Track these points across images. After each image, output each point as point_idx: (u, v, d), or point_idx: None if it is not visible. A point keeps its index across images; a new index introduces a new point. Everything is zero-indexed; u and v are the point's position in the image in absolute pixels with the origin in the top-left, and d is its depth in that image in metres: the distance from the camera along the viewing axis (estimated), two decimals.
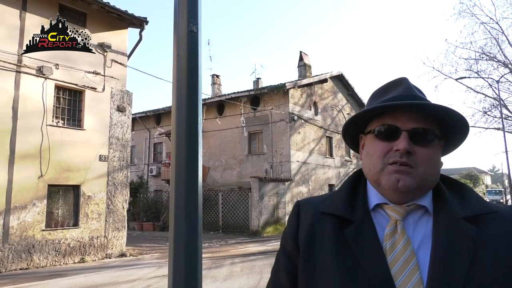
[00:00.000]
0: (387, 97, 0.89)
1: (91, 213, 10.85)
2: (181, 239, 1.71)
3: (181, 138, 1.94)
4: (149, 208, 20.68)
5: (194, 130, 1.91)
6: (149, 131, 24.05)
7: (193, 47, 1.89)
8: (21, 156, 9.51)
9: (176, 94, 1.92)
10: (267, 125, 19.55)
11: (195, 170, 1.92)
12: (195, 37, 1.90)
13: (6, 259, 9.08)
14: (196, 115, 1.93)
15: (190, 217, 1.76)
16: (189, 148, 1.89)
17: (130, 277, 8.46)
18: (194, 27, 1.90)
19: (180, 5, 1.97)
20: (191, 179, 1.89)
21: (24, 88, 9.69)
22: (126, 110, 11.98)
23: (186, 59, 1.86)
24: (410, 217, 0.84)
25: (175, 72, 1.90)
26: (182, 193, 1.81)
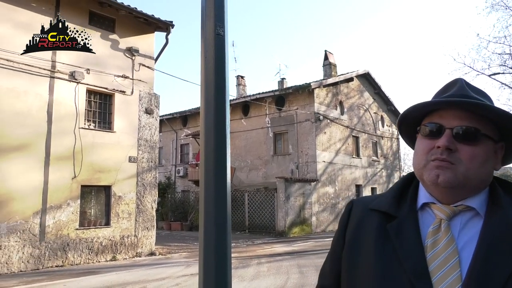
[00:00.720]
0: (441, 96, 0.91)
1: (122, 213, 11.17)
2: (210, 239, 1.75)
3: (210, 139, 1.98)
4: (176, 208, 21.04)
5: (222, 131, 1.95)
6: (176, 132, 24.47)
7: (220, 49, 1.93)
8: (56, 158, 9.92)
9: (204, 96, 1.96)
10: (292, 125, 19.49)
11: (224, 170, 1.95)
12: (222, 40, 1.94)
13: (43, 257, 9.49)
14: (224, 116, 1.96)
15: (219, 217, 1.80)
16: (217, 148, 1.92)
17: (159, 276, 8.65)
18: (221, 30, 1.93)
19: (207, 9, 2.00)
20: (220, 180, 1.92)
21: (57, 93, 10.10)
22: (153, 112, 12.25)
23: (214, 61, 1.90)
24: (457, 218, 0.84)
25: (203, 74, 1.94)
26: (211, 193, 1.84)
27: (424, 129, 0.89)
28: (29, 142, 9.48)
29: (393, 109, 26.17)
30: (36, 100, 9.69)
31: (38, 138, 9.65)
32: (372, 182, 23.25)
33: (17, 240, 9.10)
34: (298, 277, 8.11)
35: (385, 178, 24.81)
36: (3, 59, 9.16)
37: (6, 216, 8.97)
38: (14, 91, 9.31)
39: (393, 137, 26.50)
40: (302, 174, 18.80)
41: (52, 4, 10.22)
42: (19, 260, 9.10)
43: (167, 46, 12.38)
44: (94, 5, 10.96)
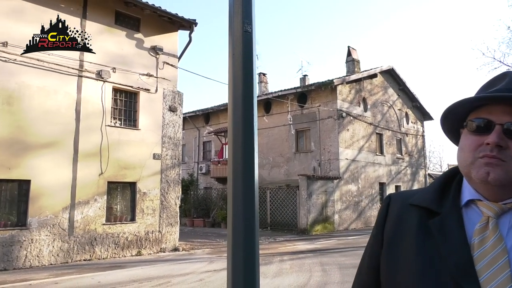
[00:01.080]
0: (488, 91, 0.88)
1: (147, 209, 11.40)
2: (239, 236, 1.75)
3: (238, 136, 1.99)
4: (199, 205, 21.28)
5: (250, 128, 1.95)
6: (198, 130, 24.72)
7: (248, 46, 1.93)
8: (84, 155, 10.21)
9: (232, 93, 1.96)
10: (314, 123, 19.34)
11: (252, 167, 1.96)
12: (249, 37, 1.94)
13: (71, 251, 9.80)
14: (252, 112, 1.96)
15: (247, 214, 1.80)
16: (245, 145, 1.93)
17: (183, 271, 8.78)
18: (248, 27, 1.94)
19: (235, 6, 2.01)
20: (248, 176, 1.92)
21: (85, 91, 10.39)
22: (177, 110, 12.42)
23: (241, 58, 1.90)
24: (506, 216, 0.81)
25: (231, 71, 1.95)
26: (239, 190, 1.85)
27: (471, 125, 0.86)
28: (59, 140, 9.80)
29: (418, 105, 25.56)
30: (65, 99, 10.00)
31: (67, 136, 9.95)
32: (396, 180, 22.81)
33: (47, 234, 9.44)
34: (321, 275, 8.06)
35: (410, 176, 24.30)
36: (34, 59, 9.48)
37: (37, 211, 9.31)
38: (44, 90, 9.63)
39: (418, 134, 25.90)
40: (325, 172, 18.64)
41: (80, 4, 10.50)
42: (49, 254, 9.43)
43: (191, 44, 12.49)
44: (120, 5, 11.19)
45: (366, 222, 19.97)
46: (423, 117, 26.66)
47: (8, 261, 8.78)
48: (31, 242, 9.15)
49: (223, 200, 20.20)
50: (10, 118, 9.05)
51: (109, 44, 11.00)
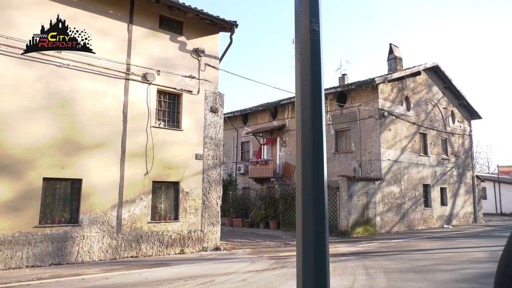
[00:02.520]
0: None
1: (189, 208, 11.63)
2: (309, 238, 1.72)
3: (307, 136, 1.95)
4: (238, 205, 21.45)
5: (319, 128, 1.91)
6: (237, 130, 24.94)
7: (316, 45, 1.89)
8: (130, 155, 10.59)
9: (300, 93, 1.93)
10: (354, 122, 18.93)
11: (321, 168, 1.92)
12: (317, 36, 1.90)
13: (119, 247, 10.18)
14: (321, 112, 1.93)
15: (317, 216, 1.76)
16: (314, 145, 1.89)
17: (226, 270, 8.87)
18: (315, 25, 1.90)
19: (302, 5, 1.98)
20: (317, 177, 1.88)
21: (132, 94, 10.76)
22: (218, 111, 12.58)
23: (310, 58, 1.87)
24: None
25: (298, 71, 1.92)
26: (309, 192, 1.82)
27: None
28: (107, 140, 10.22)
29: (465, 103, 24.38)
30: (113, 101, 10.41)
31: (115, 137, 10.36)
32: (441, 182, 21.86)
33: (97, 231, 9.86)
34: (365, 278, 7.85)
35: (456, 178, 23.20)
36: (84, 63, 9.95)
37: (88, 208, 9.76)
38: (94, 93, 10.08)
39: (465, 134, 24.69)
40: (366, 173, 18.19)
41: (127, 10, 10.89)
42: (99, 250, 9.85)
43: (232, 46, 12.62)
44: (164, 9, 11.51)
45: (409, 225, 19.28)
46: (470, 116, 25.39)
47: (62, 256, 9.27)
48: (83, 239, 9.60)
49: (261, 201, 20.24)
50: (64, 120, 9.55)
51: (153, 47, 11.34)
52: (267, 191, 20.60)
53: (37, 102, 9.21)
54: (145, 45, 11.18)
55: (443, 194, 22.10)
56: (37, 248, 8.91)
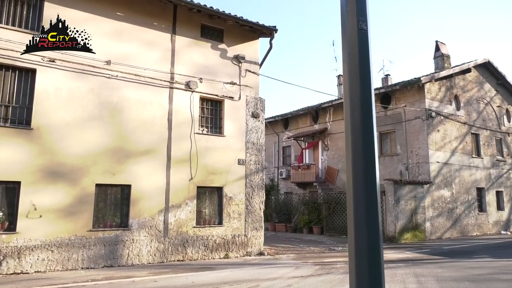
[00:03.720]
0: None
1: (233, 213, 11.75)
2: (362, 243, 1.66)
3: (357, 138, 1.90)
4: (280, 210, 21.37)
5: (369, 130, 1.85)
6: (278, 135, 24.93)
7: (364, 45, 1.84)
8: (176, 161, 10.90)
9: (349, 94, 1.88)
10: (400, 124, 18.27)
11: (373, 170, 1.85)
12: (365, 35, 1.85)
13: (166, 251, 10.48)
14: (371, 114, 1.87)
15: (370, 220, 1.70)
16: (365, 147, 1.84)
17: (270, 275, 8.83)
18: (363, 24, 1.85)
19: (348, 3, 1.93)
20: (369, 180, 1.82)
21: (176, 102, 11.11)
22: (259, 116, 12.65)
23: (358, 58, 1.82)
24: None
25: (347, 71, 1.87)
26: (361, 194, 1.76)
27: None
28: (154, 147, 10.60)
29: None
30: (158, 109, 10.79)
31: (161, 144, 10.72)
32: (497, 185, 20.49)
33: (146, 235, 10.22)
34: (416, 287, 7.50)
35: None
36: (132, 74, 10.41)
37: (137, 213, 10.14)
38: (141, 102, 10.51)
39: None
40: (413, 176, 17.47)
41: (170, 21, 11.29)
42: (147, 253, 10.19)
43: (272, 51, 12.67)
44: (205, 18, 11.80)
45: (462, 231, 18.22)
46: None
47: (113, 259, 9.68)
48: (132, 242, 9.98)
49: (304, 205, 20.04)
50: (113, 129, 10.03)
51: (196, 56, 11.65)
52: (310, 195, 20.36)
53: (89, 113, 9.75)
54: (187, 54, 11.50)
55: (499, 198, 20.69)
56: (91, 251, 9.38)
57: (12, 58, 8.97)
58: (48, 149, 9.15)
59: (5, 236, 8.49)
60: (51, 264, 8.89)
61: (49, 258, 8.88)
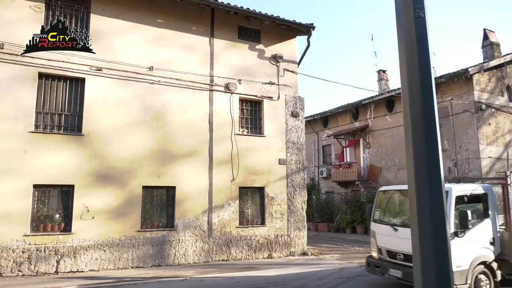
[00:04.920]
0: None
1: (275, 213, 11.73)
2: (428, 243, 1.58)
3: (418, 132, 1.82)
4: (322, 209, 21.09)
5: (431, 122, 1.77)
6: (317, 134, 24.62)
7: (422, 33, 1.75)
8: (217, 162, 11.05)
9: (407, 86, 1.80)
10: (446, 118, 17.41)
11: (437, 163, 1.77)
12: (423, 23, 1.76)
13: (211, 251, 10.64)
14: (433, 105, 1.78)
15: (436, 218, 1.61)
16: (428, 141, 1.75)
17: (316, 276, 8.72)
18: (421, 12, 1.76)
19: None
20: (434, 174, 1.74)
21: (216, 104, 11.27)
22: (299, 115, 12.55)
23: (416, 47, 1.73)
24: None
25: (404, 62, 1.79)
26: (425, 191, 1.68)
27: None
28: (196, 149, 10.81)
29: None
30: (199, 112, 11.01)
31: (202, 145, 10.92)
32: None
33: (191, 235, 10.44)
34: None
35: None
36: (173, 78, 10.69)
37: (182, 214, 10.39)
38: (182, 106, 10.77)
39: None
40: (463, 173, 16.57)
41: (208, 25, 11.48)
42: (193, 253, 10.40)
43: (309, 49, 12.53)
44: (242, 20, 11.89)
45: None
46: None
47: (161, 258, 9.98)
48: (178, 242, 10.23)
49: (346, 205, 19.63)
50: (157, 132, 10.34)
51: (234, 57, 11.76)
52: (352, 194, 19.91)
53: (135, 117, 10.12)
54: (226, 56, 11.64)
55: None
56: (140, 251, 9.72)
57: (63, 68, 9.49)
58: (98, 154, 9.59)
59: (62, 236, 8.99)
60: (103, 263, 9.31)
61: (102, 257, 9.30)
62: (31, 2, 9.34)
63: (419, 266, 1.63)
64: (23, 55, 8.84)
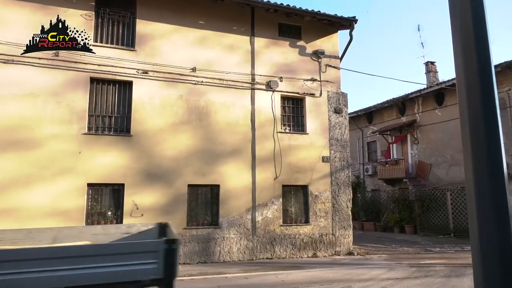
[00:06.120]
0: None
1: (319, 211, 11.56)
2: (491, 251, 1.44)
3: (477, 126, 1.67)
4: (368, 208, 20.51)
5: (492, 115, 1.61)
6: (362, 130, 23.96)
7: (479, 18, 1.61)
8: (260, 160, 11.08)
9: (464, 77, 1.66)
10: (504, 110, 16.25)
11: (499, 163, 1.62)
12: (480, 3, 1.62)
13: (255, 249, 10.70)
14: (493, 95, 1.63)
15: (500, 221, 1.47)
16: (488, 135, 1.61)
17: (362, 276, 8.48)
18: None
19: None
20: (496, 174, 1.59)
21: (258, 102, 11.30)
22: (342, 111, 12.27)
23: (473, 34, 1.59)
24: None
25: (459, 49, 1.65)
26: (486, 189, 1.54)
27: None
28: (239, 148, 10.91)
29: None
30: (242, 111, 11.09)
31: (245, 144, 11.00)
32: None
33: (235, 233, 10.55)
34: None
35: None
36: (215, 78, 10.86)
37: (226, 212, 10.53)
38: (225, 105, 10.90)
39: None
40: None
41: (248, 24, 11.53)
42: (237, 251, 10.51)
43: (352, 43, 12.21)
44: (282, 17, 11.82)
45: None
46: None
47: (206, 255, 10.18)
48: (223, 240, 10.38)
49: (394, 203, 18.94)
50: (202, 132, 10.56)
51: (275, 55, 11.72)
52: (400, 192, 19.17)
53: (179, 118, 10.39)
54: (267, 54, 11.63)
55: None
56: (186, 248, 9.97)
57: (112, 73, 9.94)
58: (146, 154, 9.96)
59: None
60: None
61: None
62: (82, 11, 9.86)
63: (480, 273, 1.51)
64: (75, 61, 9.36)
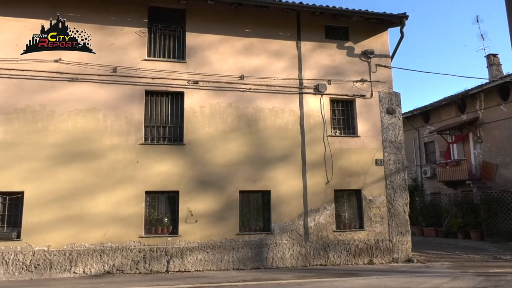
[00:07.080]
0: None
1: (374, 217, 11.17)
2: None
3: None
4: (427, 212, 19.44)
5: None
6: (418, 130, 22.85)
7: None
8: (310, 165, 10.97)
9: None
10: None
11: None
12: None
13: (308, 255, 10.56)
14: None
15: None
16: None
17: (423, 285, 8.03)
18: None
19: None
20: None
21: (306, 106, 11.23)
22: (395, 111, 11.80)
23: None
24: None
25: None
26: None
27: None
28: (289, 153, 10.89)
29: None
30: (290, 116, 11.08)
31: (295, 149, 10.96)
32: None
33: (287, 239, 10.51)
34: None
35: None
36: (263, 85, 10.97)
37: (278, 217, 10.54)
38: (273, 111, 10.96)
39: None
40: None
41: (294, 29, 11.53)
42: (290, 257, 10.45)
43: (403, 40, 11.72)
44: (328, 19, 11.68)
45: None
46: None
47: (259, 261, 10.23)
48: (275, 246, 10.38)
49: (456, 207, 17.79)
50: (251, 138, 10.70)
51: (322, 58, 11.59)
52: (463, 195, 17.96)
53: (229, 125, 10.61)
54: (314, 58, 11.53)
55: None
56: (239, 253, 10.10)
57: (165, 85, 10.42)
58: (198, 161, 10.27)
59: (170, 238, 9.82)
60: (207, 264, 9.89)
61: (205, 259, 9.90)
62: (136, 28, 10.45)
63: None
64: (131, 76, 9.92)
